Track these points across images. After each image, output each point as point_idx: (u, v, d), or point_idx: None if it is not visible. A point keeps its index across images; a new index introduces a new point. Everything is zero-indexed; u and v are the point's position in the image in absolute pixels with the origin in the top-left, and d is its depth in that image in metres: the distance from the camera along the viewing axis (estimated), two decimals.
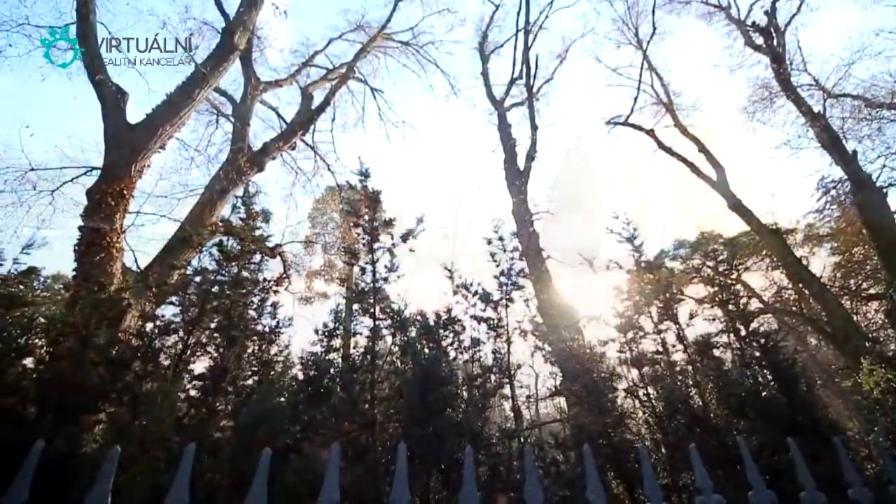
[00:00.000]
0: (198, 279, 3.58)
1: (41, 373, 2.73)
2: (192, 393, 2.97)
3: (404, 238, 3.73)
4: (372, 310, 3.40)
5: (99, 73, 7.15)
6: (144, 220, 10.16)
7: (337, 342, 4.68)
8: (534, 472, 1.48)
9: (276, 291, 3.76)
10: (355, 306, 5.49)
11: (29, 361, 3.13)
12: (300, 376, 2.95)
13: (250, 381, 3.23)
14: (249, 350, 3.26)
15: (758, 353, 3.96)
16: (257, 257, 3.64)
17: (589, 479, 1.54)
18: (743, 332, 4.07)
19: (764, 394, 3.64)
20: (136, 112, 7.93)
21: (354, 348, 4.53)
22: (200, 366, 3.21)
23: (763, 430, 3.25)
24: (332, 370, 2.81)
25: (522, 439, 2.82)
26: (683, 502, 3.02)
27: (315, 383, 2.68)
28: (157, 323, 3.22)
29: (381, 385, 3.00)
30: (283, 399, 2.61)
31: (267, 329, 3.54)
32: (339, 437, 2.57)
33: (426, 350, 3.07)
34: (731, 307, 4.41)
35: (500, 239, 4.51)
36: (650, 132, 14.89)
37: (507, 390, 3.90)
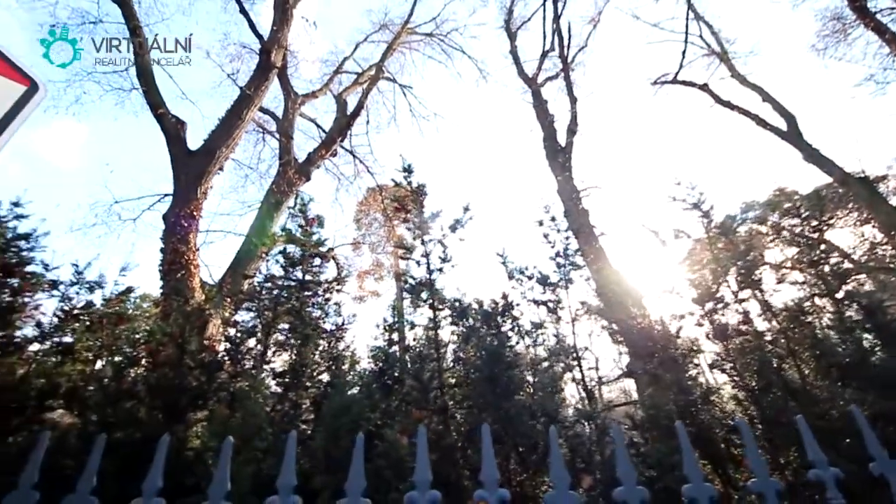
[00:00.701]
0: (268, 285, 3.87)
1: (149, 378, 3.12)
2: (276, 389, 3.23)
3: (453, 228, 3.73)
4: (431, 301, 3.45)
5: (160, 108, 7.89)
6: (213, 237, 11.16)
7: (394, 335, 4.85)
8: (625, 453, 1.42)
9: (338, 291, 3.96)
10: (408, 300, 5.63)
11: (133, 369, 3.60)
12: (371, 368, 3.08)
13: (324, 376, 3.45)
14: (320, 347, 3.47)
15: (858, 317, 3.49)
16: (317, 261, 3.86)
17: (686, 458, 1.45)
18: (838, 295, 3.61)
19: (874, 360, 3.20)
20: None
21: (415, 340, 4.66)
22: (279, 364, 3.50)
23: (875, 399, 2.87)
24: (399, 361, 2.91)
25: (599, 420, 2.72)
26: (786, 480, 2.75)
27: (387, 374, 2.79)
28: (239, 328, 3.54)
29: (447, 373, 3.05)
30: (356, 391, 2.74)
31: (334, 327, 3.74)
32: (413, 424, 2.66)
33: (488, 337, 3.06)
34: (822, 268, 3.91)
35: (553, 219, 4.35)
36: (704, 87, 13.58)
37: (566, 373, 3.81)
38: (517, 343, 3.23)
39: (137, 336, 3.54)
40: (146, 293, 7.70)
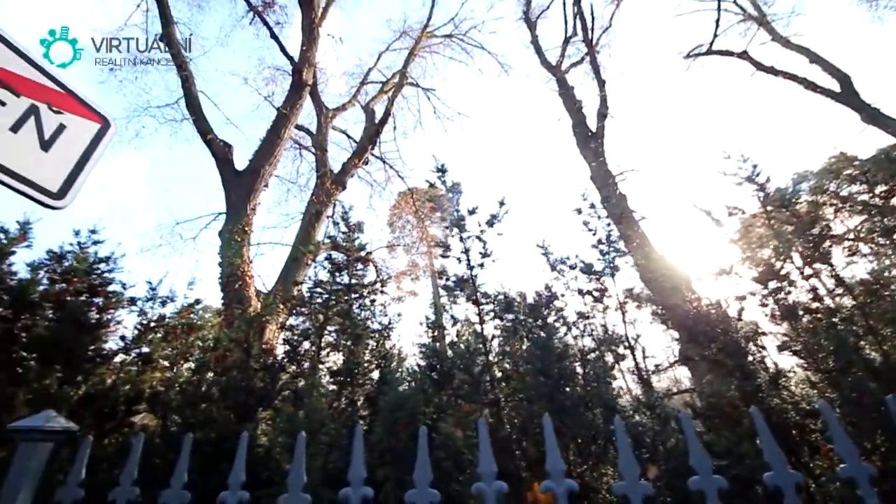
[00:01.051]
0: (318, 290, 4.09)
1: (220, 382, 3.40)
2: (332, 387, 3.40)
3: (490, 223, 3.74)
4: (474, 296, 3.49)
5: (208, 134, 8.52)
6: (263, 248, 11.91)
7: (437, 332, 4.93)
8: (697, 441, 1.37)
9: (381, 292, 4.10)
10: (446, 296, 5.68)
11: (206, 374, 3.93)
12: (420, 364, 3.16)
13: (374, 374, 3.60)
14: (370, 346, 3.61)
15: None
16: (360, 265, 4.02)
17: (766, 444, 1.38)
18: None
19: None
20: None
21: (458, 336, 4.70)
22: (332, 364, 3.69)
23: None
24: (448, 357, 2.97)
25: (659, 410, 2.62)
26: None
27: (436, 370, 2.85)
28: (295, 331, 3.77)
29: (496, 366, 3.06)
30: (406, 387, 2.83)
31: (381, 326, 3.88)
32: (465, 417, 2.70)
33: (535, 329, 3.04)
34: None
35: (592, 206, 4.22)
36: (743, 54, 12.62)
37: (617, 362, 3.68)
38: (564, 334, 3.18)
39: (206, 343, 3.89)
40: (209, 304, 8.36)
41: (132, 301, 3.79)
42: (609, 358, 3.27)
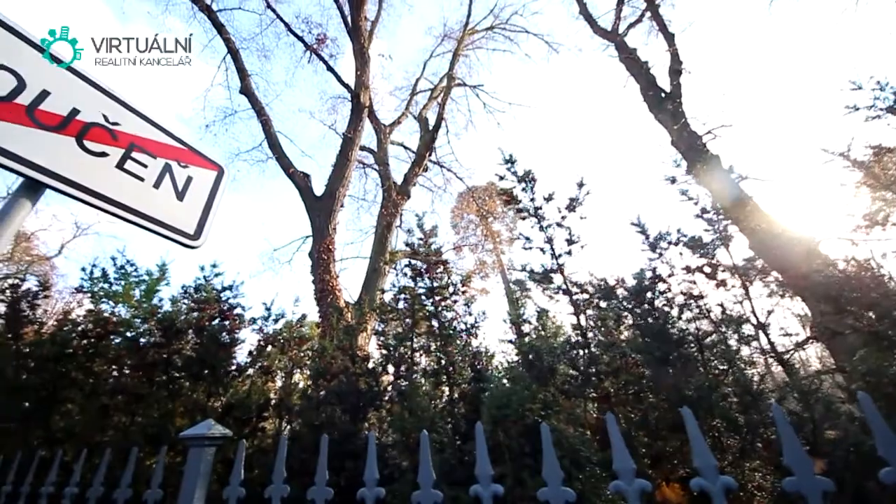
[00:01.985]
0: (402, 296, 4.28)
1: (335, 387, 3.73)
2: (426, 388, 3.51)
3: (570, 207, 3.54)
4: (565, 286, 3.33)
5: (290, 168, 9.48)
6: (346, 263, 12.87)
7: (517, 328, 4.81)
8: (886, 428, 1.12)
9: (463, 292, 4.15)
10: (521, 289, 5.52)
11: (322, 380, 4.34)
12: (515, 361, 3.11)
13: (467, 372, 3.64)
14: (459, 346, 3.66)
15: None
16: (440, 268, 4.12)
17: None
18: None
19: None
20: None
21: (543, 328, 4.54)
22: (425, 365, 3.83)
23: None
24: (548, 351, 2.87)
25: (814, 394, 2.20)
26: None
27: (536, 365, 2.78)
28: (387, 337, 4.00)
29: (601, 358, 2.87)
30: (505, 383, 2.80)
31: (466, 325, 3.92)
32: (571, 413, 2.59)
33: (643, 316, 2.77)
34: None
35: (689, 171, 3.79)
36: None
37: (744, 344, 3.19)
38: (676, 318, 2.85)
39: (314, 353, 4.31)
40: (306, 317, 9.29)
41: (253, 321, 4.37)
42: (733, 340, 2.86)
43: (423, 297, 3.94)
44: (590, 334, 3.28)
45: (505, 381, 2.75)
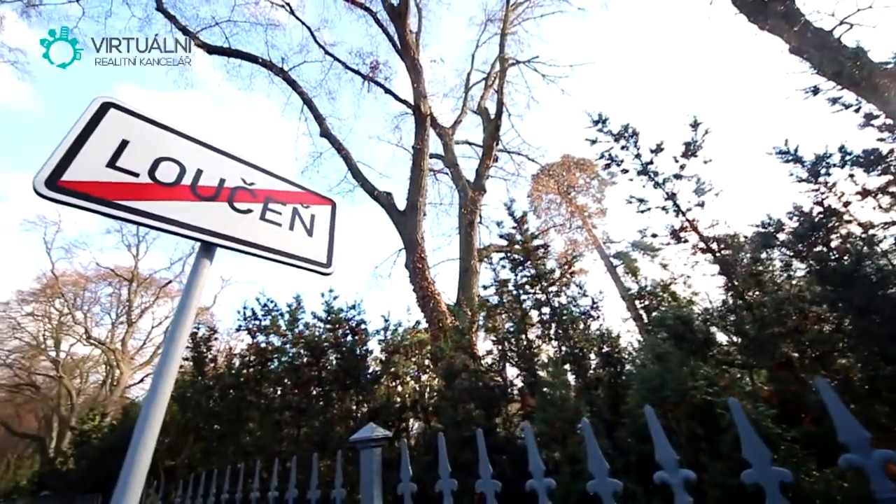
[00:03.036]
0: (507, 289, 4.25)
1: (461, 385, 3.88)
2: (562, 377, 3.39)
3: (688, 153, 3.07)
4: (702, 244, 2.91)
5: (374, 191, 10.23)
6: (438, 269, 13.39)
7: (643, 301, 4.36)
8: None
9: (571, 274, 3.94)
10: (634, 261, 4.99)
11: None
12: (662, 335, 2.81)
13: (594, 357, 3.42)
14: (579, 329, 3.47)
15: None
16: (540, 251, 4.00)
17: None
18: None
19: None
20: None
21: (673, 300, 4.04)
22: (545, 355, 3.72)
23: None
24: (699, 319, 2.54)
25: None
26: None
27: (687, 337, 2.48)
28: (503, 332, 4.00)
29: (770, 317, 2.41)
30: (648, 363, 2.54)
31: (584, 308, 3.70)
32: (733, 385, 2.23)
33: (815, 258, 2.24)
34: None
35: (836, 75, 2.97)
36: None
37: None
38: (870, 254, 2.23)
39: (435, 355, 4.55)
40: (420, 324, 9.89)
41: (377, 332, 4.81)
42: None
43: (528, 287, 3.84)
44: (747, 294, 2.77)
45: (646, 360, 2.49)
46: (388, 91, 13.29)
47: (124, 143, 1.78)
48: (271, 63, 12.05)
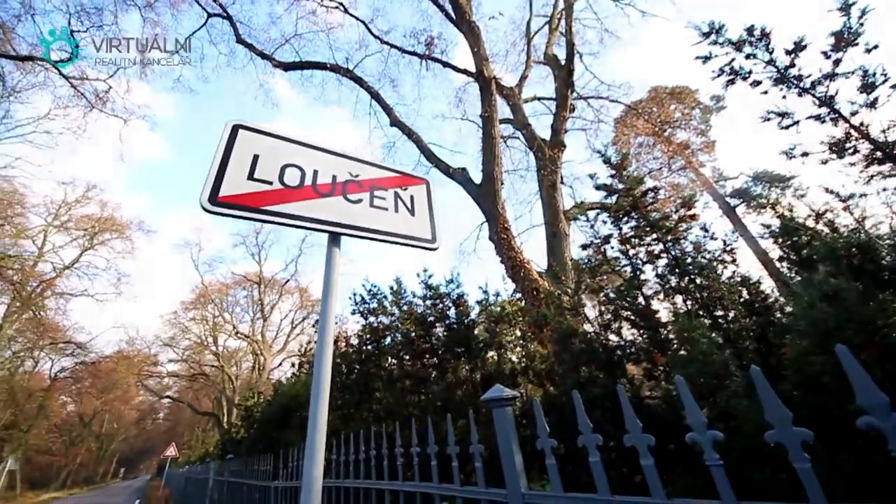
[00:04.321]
0: (606, 246, 3.95)
1: (575, 348, 3.79)
2: (701, 330, 3.08)
3: (843, 44, 2.38)
4: (879, 152, 2.30)
5: (449, 170, 10.31)
6: (523, 237, 13.15)
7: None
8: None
9: (693, 217, 3.47)
10: (757, 198, 4.17)
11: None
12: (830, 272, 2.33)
13: (729, 306, 3.00)
14: (713, 275, 3.06)
15: None
16: (649, 195, 3.58)
17: None
18: None
19: None
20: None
21: (831, 230, 3.30)
22: (667, 310, 3.38)
23: None
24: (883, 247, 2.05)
25: None
26: None
27: (867, 269, 2.02)
28: (610, 293, 3.76)
29: None
30: (802, 305, 2.13)
31: (713, 253, 3.25)
32: None
33: None
34: None
35: None
36: None
37: None
38: None
39: (536, 322, 4.53)
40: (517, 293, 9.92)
41: (478, 303, 4.95)
42: None
43: (638, 239, 3.46)
44: None
45: (812, 301, 2.07)
46: (446, 65, 13.04)
47: (256, 157, 2.03)
48: (337, 66, 12.69)
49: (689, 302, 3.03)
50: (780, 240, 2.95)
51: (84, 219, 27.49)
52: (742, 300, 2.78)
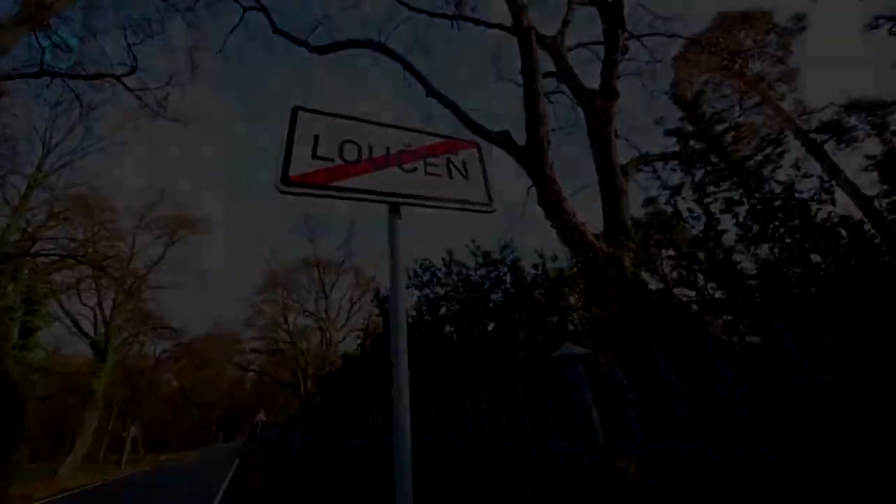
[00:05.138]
0: (676, 197, 3.64)
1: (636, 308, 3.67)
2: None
3: None
4: None
5: (490, 134, 9.98)
6: (575, 199, 12.61)
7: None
8: None
9: (781, 154, 3.07)
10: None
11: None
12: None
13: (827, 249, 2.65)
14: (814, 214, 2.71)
15: None
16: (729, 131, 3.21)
17: None
18: None
19: None
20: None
21: None
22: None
23: None
24: None
25: None
26: None
27: None
28: (684, 246, 3.51)
29: None
30: None
31: (809, 192, 2.85)
32: None
33: None
34: None
35: None
36: None
37: None
38: None
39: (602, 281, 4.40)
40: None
41: (534, 268, 4.91)
42: None
43: (714, 186, 3.12)
44: None
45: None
46: (479, 22, 12.35)
47: (316, 137, 2.10)
48: (370, 40, 12.53)
49: (776, 249, 2.71)
50: (885, 172, 2.49)
51: (162, 218, 30.79)
52: (843, 242, 2.43)
